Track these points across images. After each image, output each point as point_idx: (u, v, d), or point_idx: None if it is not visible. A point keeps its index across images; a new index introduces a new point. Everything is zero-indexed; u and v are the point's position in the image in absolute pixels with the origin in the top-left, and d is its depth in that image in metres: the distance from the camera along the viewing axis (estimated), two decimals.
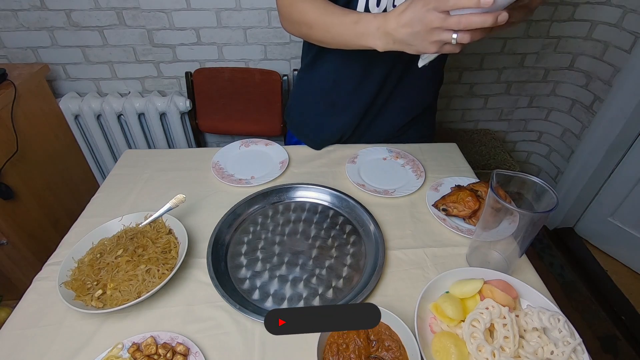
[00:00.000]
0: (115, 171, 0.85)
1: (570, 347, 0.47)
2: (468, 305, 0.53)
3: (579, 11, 1.48)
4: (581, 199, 1.72)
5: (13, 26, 1.36)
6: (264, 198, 0.76)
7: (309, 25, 0.70)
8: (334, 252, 0.66)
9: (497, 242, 0.62)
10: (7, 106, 1.18)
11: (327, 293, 0.59)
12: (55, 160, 1.43)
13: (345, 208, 0.75)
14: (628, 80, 1.40)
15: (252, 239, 0.68)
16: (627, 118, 1.43)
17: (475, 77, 1.67)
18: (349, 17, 0.64)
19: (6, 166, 1.17)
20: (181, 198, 0.69)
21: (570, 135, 1.74)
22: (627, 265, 1.67)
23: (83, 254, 0.62)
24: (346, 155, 0.88)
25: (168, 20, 1.39)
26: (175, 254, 0.62)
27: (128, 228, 0.66)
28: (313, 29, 0.70)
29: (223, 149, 0.90)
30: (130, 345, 0.50)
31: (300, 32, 0.74)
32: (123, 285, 0.56)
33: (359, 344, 0.48)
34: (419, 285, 0.58)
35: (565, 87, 1.69)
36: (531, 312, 0.51)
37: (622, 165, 1.57)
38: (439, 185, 0.80)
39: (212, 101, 1.54)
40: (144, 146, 1.61)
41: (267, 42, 1.47)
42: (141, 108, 1.50)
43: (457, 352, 0.47)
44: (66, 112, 1.47)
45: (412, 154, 0.88)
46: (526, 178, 0.56)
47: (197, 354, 0.50)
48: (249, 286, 0.60)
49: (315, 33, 0.71)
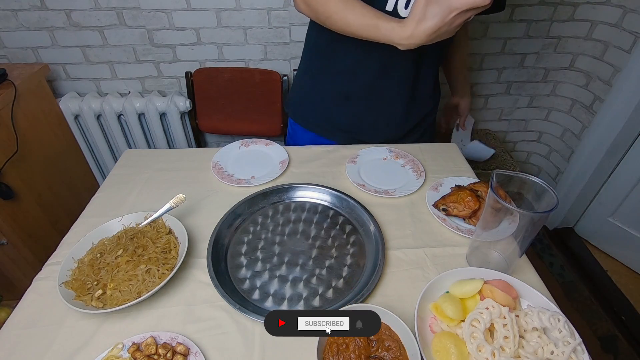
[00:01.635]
0: (115, 171, 0.85)
1: (570, 347, 0.47)
2: (468, 305, 0.53)
3: (579, 11, 1.48)
4: (581, 199, 1.72)
5: (13, 26, 1.36)
6: (264, 198, 0.76)
7: (328, 15, 0.70)
8: (334, 252, 0.66)
9: (497, 242, 0.62)
10: (7, 106, 1.18)
11: (327, 293, 0.59)
12: (55, 160, 1.43)
13: (345, 208, 0.75)
14: (628, 80, 1.40)
15: (252, 239, 0.68)
16: (627, 118, 1.42)
17: (475, 77, 1.67)
18: (369, 20, 0.66)
19: (6, 166, 1.17)
20: (181, 198, 0.69)
21: (570, 135, 1.74)
22: (627, 265, 1.67)
23: (83, 254, 0.62)
24: (346, 155, 0.88)
25: (168, 20, 1.39)
26: (175, 254, 0.62)
27: (128, 228, 0.66)
28: (332, 19, 0.70)
29: (223, 149, 0.90)
30: (130, 345, 0.50)
31: (317, 18, 0.74)
32: (123, 285, 0.56)
33: (359, 344, 0.48)
34: (419, 285, 0.58)
35: (565, 87, 1.69)
36: (531, 312, 0.51)
37: (622, 165, 1.57)
38: (439, 185, 0.80)
39: (212, 101, 1.54)
40: (144, 146, 1.61)
41: (267, 42, 1.47)
42: (141, 108, 1.50)
43: (457, 352, 0.47)
44: (66, 112, 1.47)
45: (412, 154, 0.88)
46: (526, 178, 0.56)
47: (197, 354, 0.50)
48: (249, 286, 0.60)
49: (334, 24, 0.71)
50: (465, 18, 0.59)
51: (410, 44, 0.63)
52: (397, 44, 0.65)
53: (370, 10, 0.67)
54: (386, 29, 0.64)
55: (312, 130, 0.97)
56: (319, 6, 0.71)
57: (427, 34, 0.60)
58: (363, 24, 0.67)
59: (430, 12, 0.59)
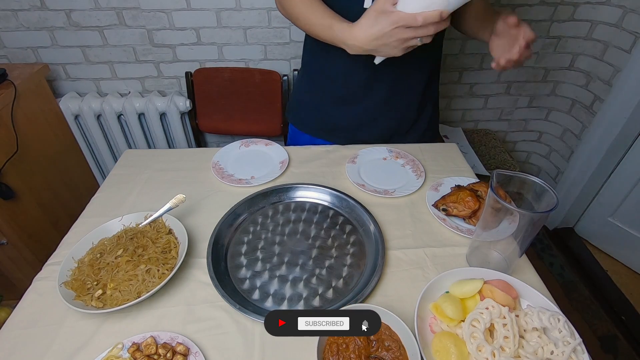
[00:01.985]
0: (115, 171, 0.85)
1: (570, 347, 0.47)
2: (468, 305, 0.53)
3: (579, 11, 1.48)
4: (581, 199, 1.72)
5: (13, 26, 1.36)
6: (264, 198, 0.76)
7: (296, 17, 0.75)
8: (334, 252, 0.66)
9: (497, 242, 0.62)
10: (7, 106, 1.18)
11: (327, 293, 0.59)
12: (55, 160, 1.43)
13: (345, 208, 0.75)
14: (628, 80, 1.40)
15: (252, 239, 0.68)
16: (627, 118, 1.43)
17: (475, 77, 1.67)
18: (325, 21, 0.69)
19: (6, 166, 1.17)
20: (181, 198, 0.69)
21: (570, 135, 1.74)
22: (627, 265, 1.67)
23: (83, 254, 0.62)
24: (346, 155, 0.88)
25: (168, 20, 1.39)
26: (175, 254, 0.62)
27: (128, 228, 0.66)
28: (299, 21, 0.75)
29: (223, 149, 0.90)
30: (130, 345, 0.50)
31: (292, 21, 0.78)
32: (123, 285, 0.56)
33: (359, 343, 0.48)
34: (419, 285, 0.58)
35: (565, 87, 1.69)
36: (531, 312, 0.51)
37: (622, 165, 1.57)
38: (439, 185, 0.80)
39: (212, 101, 1.54)
40: (144, 146, 1.61)
41: (267, 42, 1.47)
42: (141, 108, 1.50)
43: (457, 352, 0.47)
44: (66, 112, 1.47)
45: (412, 154, 0.88)
46: (526, 178, 0.56)
47: (197, 354, 0.50)
48: (249, 286, 0.60)
49: (302, 26, 0.75)
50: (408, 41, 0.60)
51: (356, 46, 0.65)
52: (346, 46, 0.67)
53: (329, 12, 0.69)
54: (338, 29, 0.66)
55: (311, 134, 0.97)
56: (288, 8, 0.75)
57: (369, 40, 0.62)
58: (321, 24, 0.70)
59: (377, 20, 0.60)
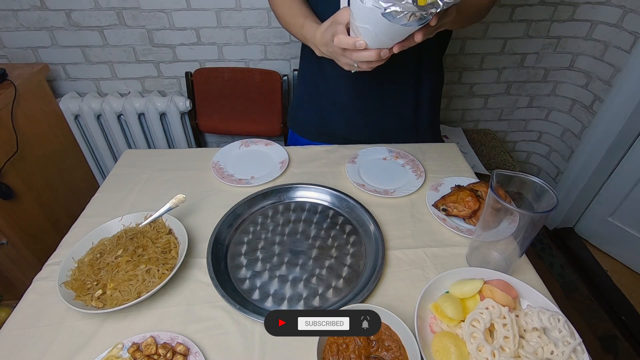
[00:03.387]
0: (115, 171, 0.85)
1: (570, 347, 0.47)
2: (468, 305, 0.53)
3: (579, 11, 1.48)
4: (581, 199, 1.72)
5: (13, 26, 1.36)
6: (264, 198, 0.76)
7: (278, 16, 0.77)
8: (334, 252, 0.66)
9: (497, 242, 0.62)
10: (7, 106, 1.18)
11: (327, 293, 0.59)
12: (55, 160, 1.43)
13: (345, 208, 0.75)
14: (628, 80, 1.40)
15: (252, 239, 0.68)
16: (627, 118, 1.43)
17: (475, 77, 1.67)
18: (298, 20, 0.69)
19: (6, 166, 1.17)
20: (181, 198, 0.69)
21: (570, 135, 1.74)
22: (627, 265, 1.67)
23: (83, 254, 0.62)
24: (346, 155, 0.88)
25: (168, 20, 1.39)
26: (175, 254, 0.62)
27: (128, 228, 0.66)
28: (281, 20, 0.77)
29: (223, 149, 0.90)
30: (130, 345, 0.50)
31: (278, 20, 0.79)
32: (123, 285, 0.56)
33: (359, 343, 0.48)
34: (419, 285, 0.58)
35: (565, 87, 1.69)
36: (531, 312, 0.51)
37: (622, 165, 1.57)
38: (439, 185, 0.80)
39: (212, 101, 1.54)
40: (144, 146, 1.61)
41: (267, 42, 1.47)
42: (141, 108, 1.50)
43: (457, 352, 0.47)
44: (66, 112, 1.47)
45: (412, 154, 0.88)
46: (526, 178, 0.56)
47: (197, 354, 0.50)
48: (249, 286, 0.60)
49: (285, 26, 0.77)
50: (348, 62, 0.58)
51: (317, 49, 0.65)
52: (314, 47, 0.66)
53: (305, 11, 0.69)
54: (307, 29, 0.66)
55: (310, 139, 0.97)
56: (274, 7, 0.77)
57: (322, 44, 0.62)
58: (294, 24, 0.70)
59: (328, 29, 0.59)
